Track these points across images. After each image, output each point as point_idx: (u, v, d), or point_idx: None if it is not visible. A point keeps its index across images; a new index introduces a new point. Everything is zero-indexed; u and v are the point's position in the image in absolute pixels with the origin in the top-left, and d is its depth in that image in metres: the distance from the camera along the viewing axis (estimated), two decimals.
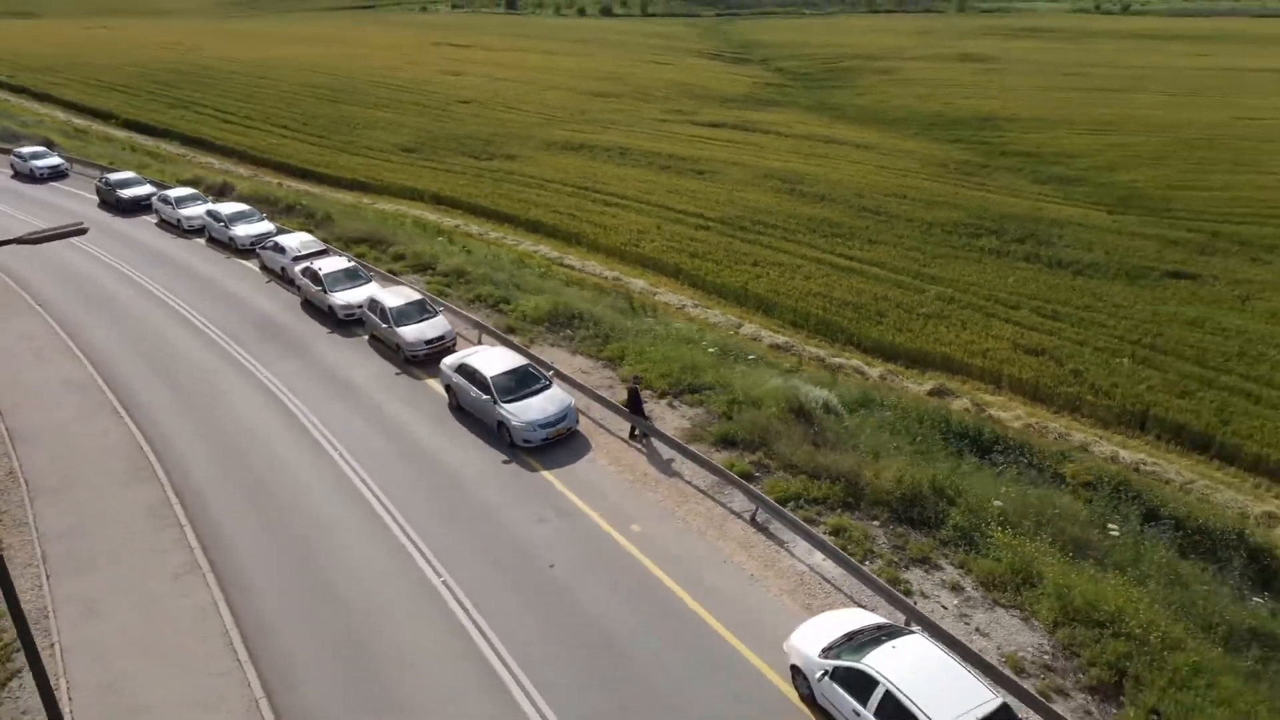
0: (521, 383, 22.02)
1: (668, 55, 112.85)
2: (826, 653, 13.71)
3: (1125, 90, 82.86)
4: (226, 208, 37.21)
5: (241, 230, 35.85)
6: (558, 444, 21.59)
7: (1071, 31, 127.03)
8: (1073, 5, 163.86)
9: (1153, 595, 16.18)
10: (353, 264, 30.55)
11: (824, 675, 13.41)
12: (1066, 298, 37.02)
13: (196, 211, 38.44)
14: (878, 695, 12.57)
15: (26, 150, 49.82)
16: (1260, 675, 15.15)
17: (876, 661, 12.92)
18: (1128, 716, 13.63)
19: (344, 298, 28.68)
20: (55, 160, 49.44)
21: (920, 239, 44.23)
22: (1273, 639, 16.72)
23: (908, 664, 12.77)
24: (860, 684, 12.90)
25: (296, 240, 32.90)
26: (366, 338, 28.03)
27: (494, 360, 22.66)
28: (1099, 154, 61.54)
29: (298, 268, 30.80)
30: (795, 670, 14.16)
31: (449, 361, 23.58)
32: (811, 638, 14.16)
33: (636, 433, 21.85)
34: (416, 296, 27.15)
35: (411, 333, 25.82)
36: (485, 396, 21.85)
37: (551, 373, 23.29)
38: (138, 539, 18.80)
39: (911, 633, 13.78)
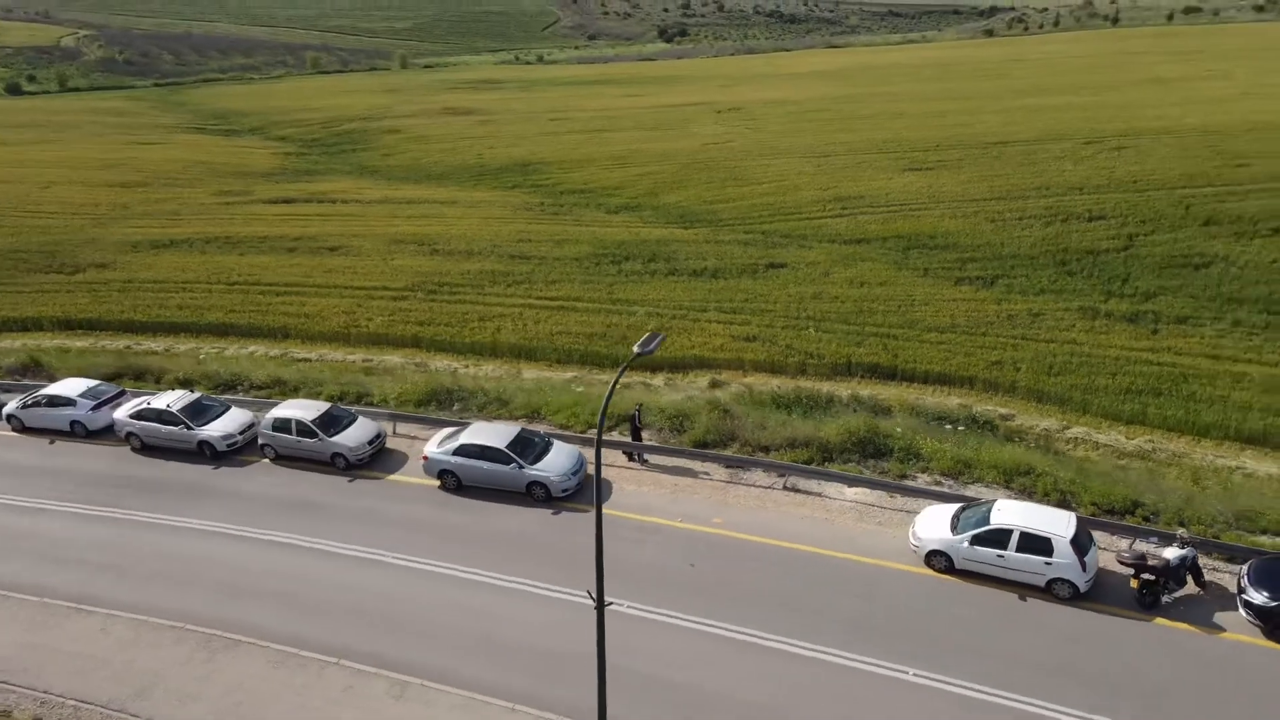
0: (530, 445, 24.70)
1: (148, 134, 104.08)
2: (954, 531, 20.73)
3: (606, 130, 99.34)
4: None
5: None
6: (582, 486, 24.88)
7: (517, 83, 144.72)
8: (495, 60, 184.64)
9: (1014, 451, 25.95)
10: (196, 394, 28.35)
11: (967, 543, 20.42)
12: (728, 297, 47.52)
13: None
14: (1014, 538, 20.00)
15: None
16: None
17: (1000, 518, 20.35)
18: (1085, 512, 22.86)
19: (219, 428, 27.02)
20: None
21: (584, 272, 51.70)
22: (1032, 467, 27.36)
23: (1018, 513, 20.46)
24: (996, 537, 20.19)
25: (75, 388, 28.99)
26: (267, 460, 26.97)
27: (492, 433, 24.82)
28: (635, 184, 74.70)
29: (120, 414, 27.64)
30: (932, 554, 20.90)
31: (437, 450, 24.92)
32: (934, 528, 21.04)
33: (637, 455, 26.00)
34: (324, 405, 27.07)
35: (352, 438, 26.05)
36: (507, 466, 24.11)
37: (545, 430, 26.10)
38: (310, 690, 18.32)
39: (991, 500, 21.46)
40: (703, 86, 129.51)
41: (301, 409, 26.45)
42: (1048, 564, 20.01)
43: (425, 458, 24.99)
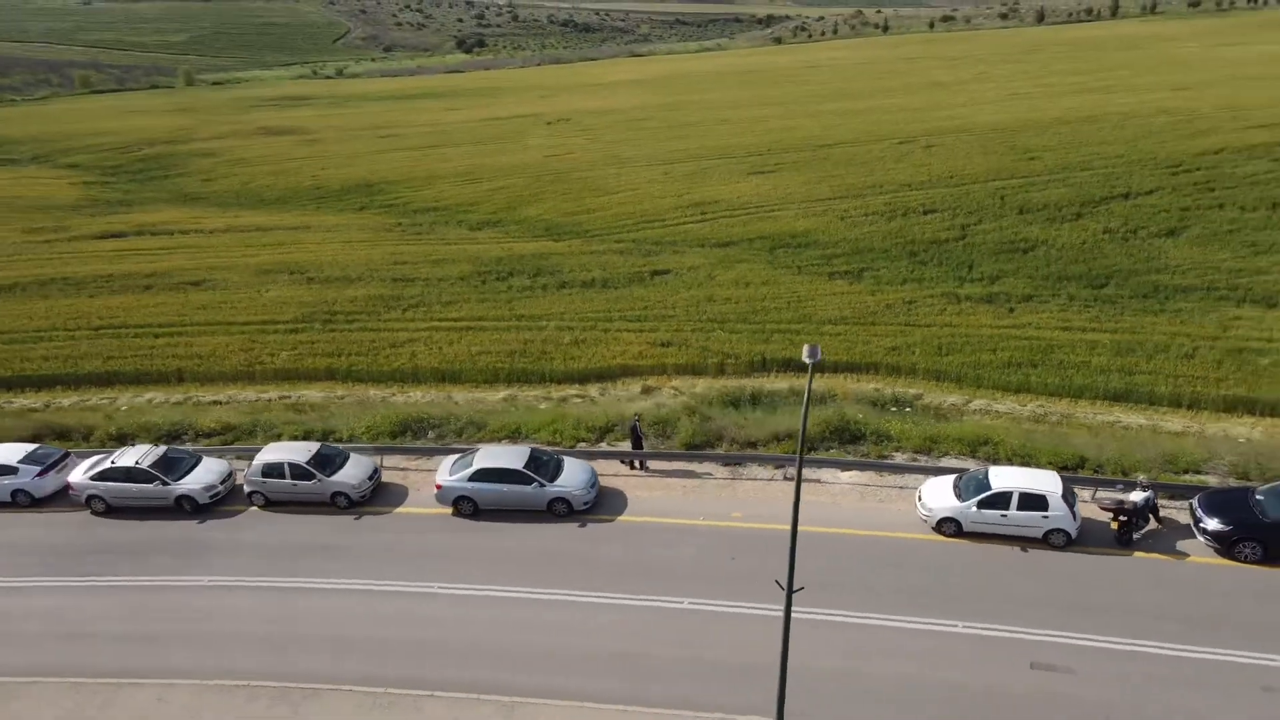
0: (545, 464, 25.29)
1: None
2: (960, 499, 23.42)
3: (441, 145, 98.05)
4: None
5: None
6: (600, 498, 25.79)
7: (327, 99, 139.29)
8: (289, 74, 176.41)
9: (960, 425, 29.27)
10: (162, 448, 26.67)
11: (974, 508, 23.16)
12: (627, 305, 49.01)
13: None
14: (1015, 498, 22.93)
15: None
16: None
17: (1000, 483, 23.23)
18: (1039, 464, 26.22)
19: (200, 480, 25.72)
20: None
21: (475, 291, 51.60)
22: (989, 437, 30.96)
23: (1012, 477, 23.40)
24: (999, 499, 23.07)
25: (13, 454, 26.63)
26: (256, 507, 25.95)
27: (506, 456, 25.16)
28: (491, 199, 74.62)
29: (78, 476, 25.69)
30: (943, 521, 23.49)
31: (450, 478, 24.98)
32: (941, 498, 23.63)
33: (638, 463, 27.08)
34: (314, 445, 26.35)
35: (352, 475, 25.55)
36: (528, 486, 24.59)
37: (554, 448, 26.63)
38: None
39: (984, 469, 24.32)
40: (522, 98, 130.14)
41: (291, 451, 25.53)
42: (1045, 518, 23.12)
43: (439, 486, 24.94)
